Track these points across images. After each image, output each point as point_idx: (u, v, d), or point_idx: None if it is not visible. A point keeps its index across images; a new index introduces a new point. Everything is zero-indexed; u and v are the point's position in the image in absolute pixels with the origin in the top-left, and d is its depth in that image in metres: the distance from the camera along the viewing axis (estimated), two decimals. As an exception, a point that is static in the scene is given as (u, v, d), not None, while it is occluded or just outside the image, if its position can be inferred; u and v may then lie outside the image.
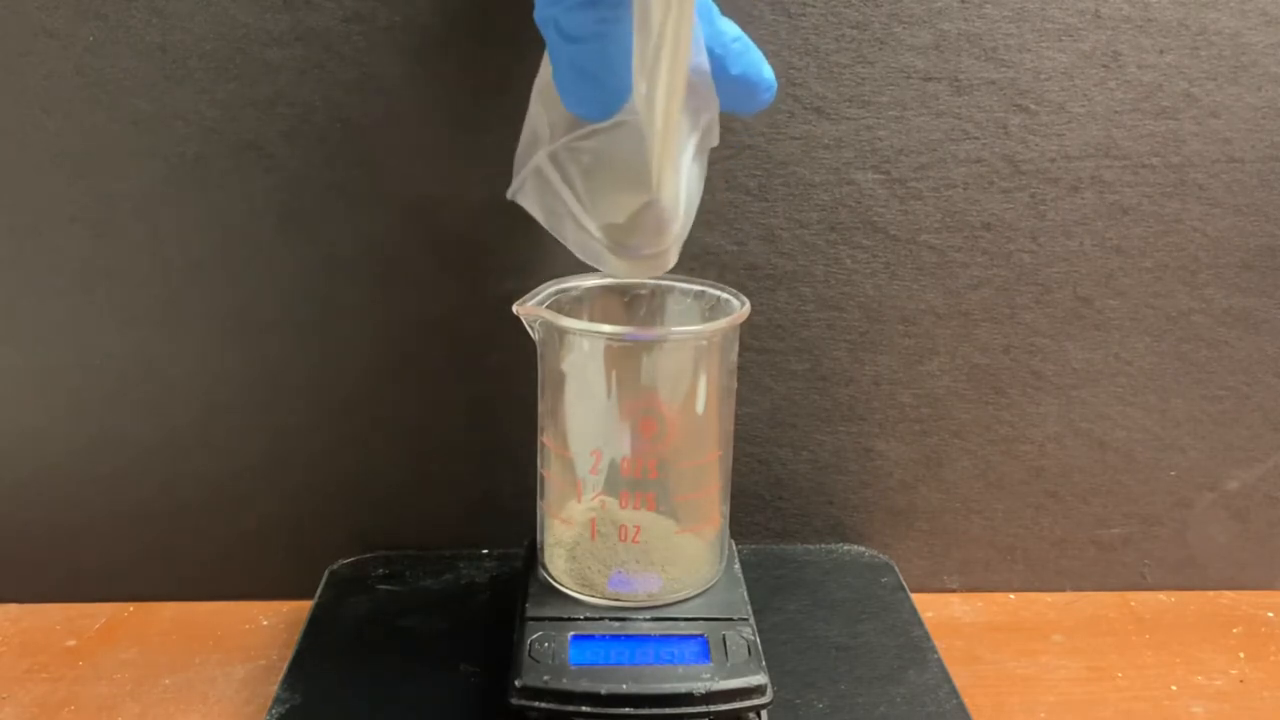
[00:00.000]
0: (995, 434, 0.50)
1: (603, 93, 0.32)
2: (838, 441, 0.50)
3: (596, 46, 0.31)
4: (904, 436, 0.50)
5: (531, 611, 0.38)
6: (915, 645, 0.44)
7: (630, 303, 0.41)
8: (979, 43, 0.43)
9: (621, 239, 0.36)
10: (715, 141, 0.37)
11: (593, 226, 0.36)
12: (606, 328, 0.36)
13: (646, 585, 0.38)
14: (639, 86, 0.32)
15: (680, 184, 0.36)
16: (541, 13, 0.32)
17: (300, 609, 0.47)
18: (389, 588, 0.47)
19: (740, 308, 0.38)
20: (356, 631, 0.44)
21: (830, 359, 0.48)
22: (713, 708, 0.34)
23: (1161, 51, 0.44)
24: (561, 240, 0.38)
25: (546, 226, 0.38)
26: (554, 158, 0.36)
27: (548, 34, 0.33)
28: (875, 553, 0.51)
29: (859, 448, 0.50)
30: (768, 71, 0.36)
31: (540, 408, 0.40)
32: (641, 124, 0.33)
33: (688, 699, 0.34)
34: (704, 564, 0.40)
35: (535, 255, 0.45)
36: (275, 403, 0.47)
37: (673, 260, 0.38)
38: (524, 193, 0.38)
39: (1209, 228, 0.47)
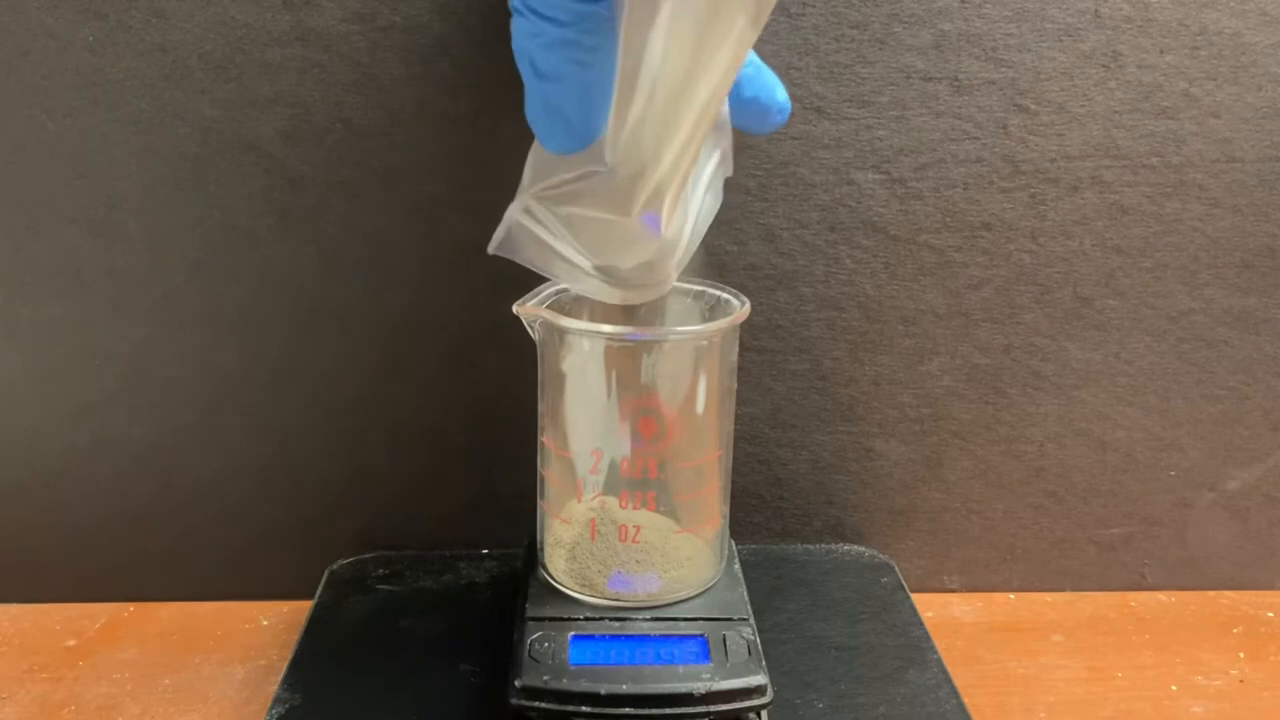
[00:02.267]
0: (995, 434, 0.50)
1: (572, 130, 0.33)
2: (838, 441, 0.50)
3: (570, 86, 0.32)
4: (904, 436, 0.50)
5: (531, 611, 0.38)
6: (915, 645, 0.44)
7: (630, 303, 0.41)
8: (979, 43, 0.43)
9: (616, 274, 0.36)
10: (730, 171, 0.37)
11: (585, 264, 0.36)
12: (606, 328, 0.36)
13: (646, 585, 0.38)
14: (621, 132, 0.31)
15: (687, 218, 0.35)
16: (518, 45, 0.32)
17: (300, 609, 0.47)
18: (389, 588, 0.47)
19: (740, 308, 0.38)
20: (356, 631, 0.44)
21: (830, 359, 0.48)
22: (713, 708, 0.34)
23: (1161, 51, 0.44)
24: (553, 279, 0.37)
25: (535, 269, 0.37)
26: (527, 210, 0.35)
27: (523, 68, 0.33)
28: (875, 553, 0.51)
29: (859, 448, 0.50)
30: (781, 94, 0.36)
31: (540, 408, 0.40)
32: (612, 174, 0.32)
33: (688, 699, 0.34)
34: (704, 564, 0.40)
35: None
36: (275, 403, 0.47)
37: (670, 284, 0.38)
38: (505, 245, 0.37)
39: (1209, 228, 0.47)
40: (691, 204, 0.35)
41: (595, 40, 0.31)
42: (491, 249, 0.37)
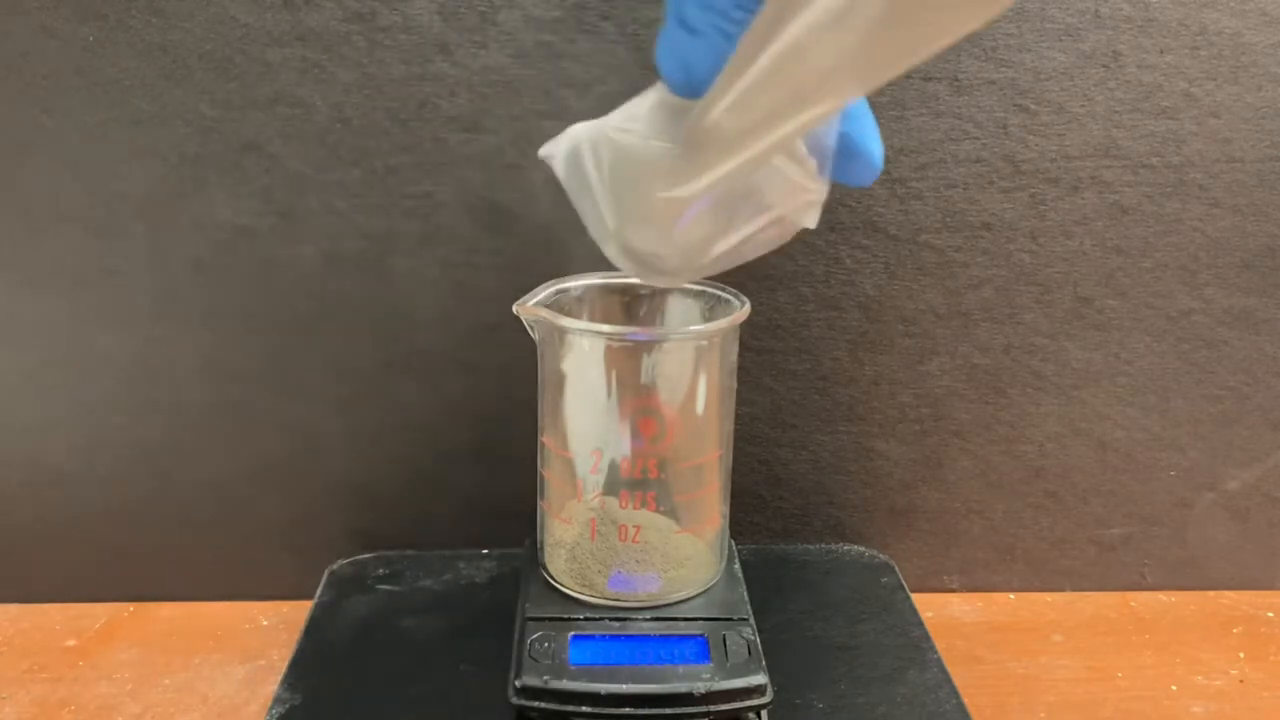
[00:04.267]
0: (995, 434, 0.50)
1: (690, 79, 0.32)
2: (838, 441, 0.50)
3: (704, 44, 0.32)
4: (904, 436, 0.50)
5: (531, 611, 0.38)
6: (915, 645, 0.44)
7: (630, 303, 0.41)
8: (979, 43, 0.43)
9: (629, 247, 0.36)
10: (812, 224, 0.34)
11: (609, 222, 0.35)
12: (606, 328, 0.36)
13: (646, 585, 0.38)
14: (703, 119, 0.31)
15: (727, 235, 0.34)
16: None
17: (300, 609, 0.47)
18: (389, 588, 0.47)
19: (740, 308, 0.38)
20: (356, 631, 0.44)
21: (830, 359, 0.48)
22: (713, 708, 0.34)
23: (1161, 51, 0.44)
24: (580, 214, 0.37)
25: (569, 194, 0.35)
26: (593, 140, 0.35)
27: (670, 10, 0.32)
28: (875, 553, 0.51)
29: (859, 448, 0.50)
30: (875, 145, 0.33)
31: (540, 408, 0.40)
32: (682, 157, 0.32)
33: (688, 699, 0.34)
34: (704, 564, 0.40)
35: (536, 255, 0.45)
36: (275, 403, 0.47)
37: (683, 282, 0.37)
38: (558, 160, 0.35)
39: (1209, 228, 0.47)
40: (743, 227, 0.34)
41: (743, 15, 0.31)
42: (542, 153, 0.35)
